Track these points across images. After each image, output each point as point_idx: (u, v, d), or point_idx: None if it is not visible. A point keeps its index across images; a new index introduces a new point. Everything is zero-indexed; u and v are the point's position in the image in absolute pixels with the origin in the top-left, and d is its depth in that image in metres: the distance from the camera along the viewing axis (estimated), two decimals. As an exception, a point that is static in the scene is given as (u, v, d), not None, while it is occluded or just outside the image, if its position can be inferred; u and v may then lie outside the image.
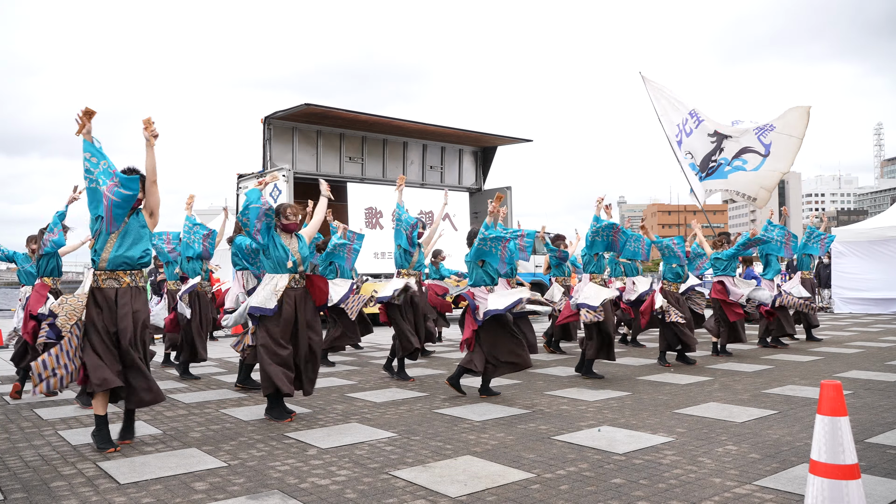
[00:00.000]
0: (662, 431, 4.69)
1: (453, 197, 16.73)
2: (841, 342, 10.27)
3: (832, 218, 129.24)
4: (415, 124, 15.65)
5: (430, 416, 5.34)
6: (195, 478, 3.76)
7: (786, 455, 4.05)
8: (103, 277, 4.38)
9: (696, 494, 3.37)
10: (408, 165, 16.62)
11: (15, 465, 4.10)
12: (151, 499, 3.41)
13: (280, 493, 3.48)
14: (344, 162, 15.57)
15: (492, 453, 4.18)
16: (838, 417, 2.56)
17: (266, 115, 14.21)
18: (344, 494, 3.44)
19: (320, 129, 15.09)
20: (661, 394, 6.16)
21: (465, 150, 17.57)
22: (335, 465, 3.98)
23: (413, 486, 3.57)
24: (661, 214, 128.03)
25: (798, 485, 3.47)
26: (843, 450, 2.54)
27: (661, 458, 4.04)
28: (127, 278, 4.43)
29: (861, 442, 4.26)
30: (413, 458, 4.09)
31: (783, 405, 5.54)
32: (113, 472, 3.88)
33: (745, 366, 7.88)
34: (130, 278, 4.44)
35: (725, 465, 3.88)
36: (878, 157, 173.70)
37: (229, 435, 4.79)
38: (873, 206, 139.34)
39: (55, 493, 3.53)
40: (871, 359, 8.32)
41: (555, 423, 5.03)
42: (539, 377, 7.24)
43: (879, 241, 16.06)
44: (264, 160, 14.34)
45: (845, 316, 15.75)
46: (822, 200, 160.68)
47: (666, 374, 7.30)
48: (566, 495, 3.39)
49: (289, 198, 13.20)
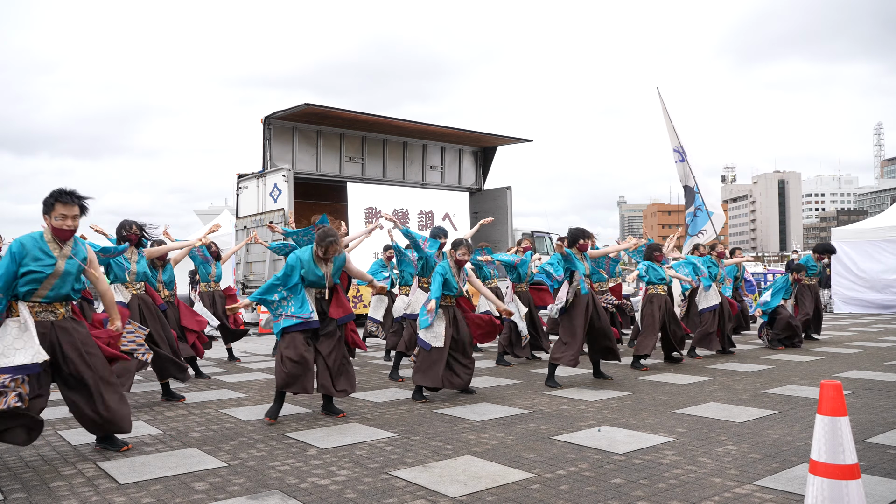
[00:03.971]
0: (662, 431, 4.69)
1: (453, 197, 16.75)
2: (841, 342, 10.27)
3: (832, 218, 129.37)
4: (414, 124, 15.65)
5: (430, 416, 5.34)
6: (195, 478, 3.76)
7: (786, 455, 4.05)
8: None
9: (696, 494, 3.37)
10: (408, 165, 16.64)
11: (15, 465, 4.10)
12: (151, 499, 3.41)
13: (280, 493, 3.48)
14: (344, 162, 15.57)
15: (492, 453, 4.18)
16: (838, 417, 2.56)
17: (266, 115, 14.22)
18: (344, 494, 3.45)
19: (320, 129, 15.10)
20: (661, 394, 6.16)
21: (465, 150, 17.57)
22: (335, 465, 3.99)
23: (413, 486, 3.57)
24: (661, 214, 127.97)
25: (798, 485, 3.47)
26: (843, 450, 2.54)
27: (661, 458, 4.04)
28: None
29: (861, 442, 4.26)
30: (413, 458, 4.09)
31: (783, 405, 5.54)
32: (113, 472, 3.88)
33: (745, 366, 7.88)
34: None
35: (725, 465, 3.88)
36: (878, 157, 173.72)
37: (229, 435, 4.79)
38: (873, 206, 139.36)
39: (55, 493, 3.53)
40: (871, 359, 8.32)
41: (555, 423, 5.03)
42: (539, 377, 7.24)
43: (879, 241, 16.06)
44: (264, 160, 14.35)
45: (845, 316, 15.75)
46: (823, 200, 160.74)
47: (666, 374, 7.30)
48: (566, 495, 3.39)
49: (289, 198, 13.20)
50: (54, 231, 4.07)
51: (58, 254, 4.08)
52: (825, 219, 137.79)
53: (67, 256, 4.11)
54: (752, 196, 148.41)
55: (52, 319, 4.11)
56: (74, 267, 4.15)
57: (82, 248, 4.27)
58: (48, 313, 4.09)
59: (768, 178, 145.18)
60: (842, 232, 17.20)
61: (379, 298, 9.98)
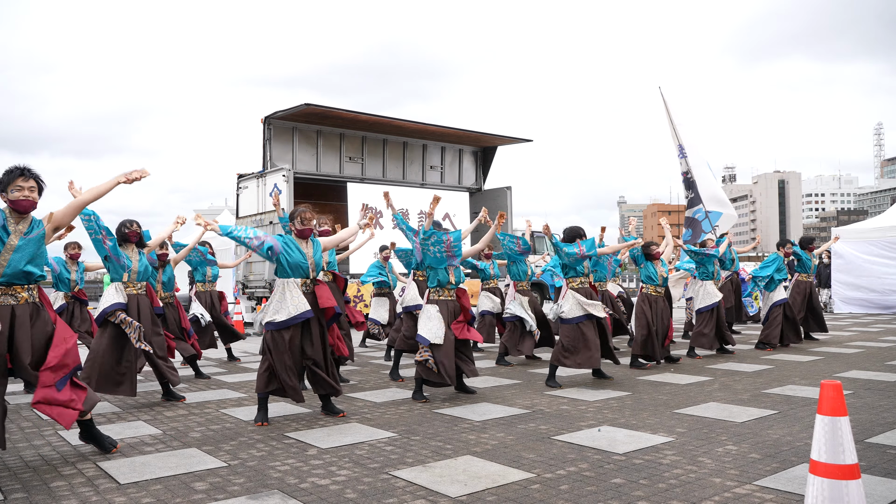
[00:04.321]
0: (662, 431, 4.69)
1: (454, 197, 16.75)
2: (841, 342, 10.27)
3: (832, 218, 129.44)
4: (414, 124, 15.66)
5: (430, 416, 5.34)
6: (195, 478, 3.76)
7: (786, 455, 4.05)
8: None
9: (696, 494, 3.37)
10: (408, 165, 16.64)
11: (15, 465, 4.10)
12: (151, 499, 3.41)
13: (280, 493, 3.48)
14: (344, 162, 15.58)
15: (492, 453, 4.18)
16: (838, 417, 2.56)
17: (266, 115, 14.23)
18: (344, 494, 3.45)
19: (320, 129, 15.10)
20: (661, 394, 6.16)
21: (465, 150, 17.58)
22: (335, 465, 3.99)
23: (413, 486, 3.57)
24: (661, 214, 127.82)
25: (798, 485, 3.47)
26: (843, 450, 2.54)
27: (661, 458, 4.04)
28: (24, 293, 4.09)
29: (861, 442, 4.26)
30: (413, 458, 4.09)
31: (783, 405, 5.54)
32: (113, 472, 3.88)
33: (745, 366, 7.88)
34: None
35: (725, 465, 3.88)
36: (878, 157, 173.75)
37: (229, 435, 4.79)
38: (873, 206, 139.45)
39: (55, 493, 3.53)
40: (871, 359, 8.32)
41: (555, 423, 5.03)
42: (539, 377, 7.24)
43: (879, 241, 16.06)
44: (264, 160, 14.36)
45: (845, 316, 15.75)
46: (823, 200, 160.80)
47: (666, 374, 7.31)
48: (566, 495, 3.39)
49: (289, 198, 13.21)
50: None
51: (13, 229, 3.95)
52: (825, 219, 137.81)
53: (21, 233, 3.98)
54: (752, 196, 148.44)
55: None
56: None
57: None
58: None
59: (768, 178, 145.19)
60: (842, 232, 17.19)
61: (379, 299, 9.98)
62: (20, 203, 3.96)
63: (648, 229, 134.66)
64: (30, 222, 4.06)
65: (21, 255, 3.95)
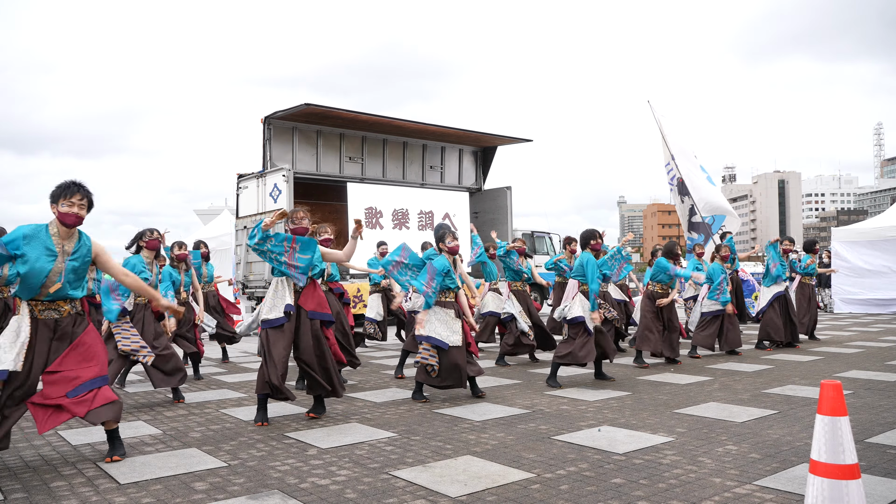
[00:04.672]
0: (662, 431, 4.69)
1: (454, 197, 16.74)
2: (841, 342, 10.27)
3: (832, 218, 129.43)
4: (414, 124, 15.64)
5: (430, 416, 5.34)
6: (195, 478, 3.77)
7: (786, 455, 4.05)
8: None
9: (696, 494, 3.37)
10: (407, 165, 16.63)
11: (15, 465, 4.10)
12: (151, 499, 3.41)
13: (280, 493, 3.48)
14: (344, 162, 15.57)
15: (492, 453, 4.18)
16: (838, 417, 2.56)
17: (266, 115, 14.22)
18: (344, 494, 3.45)
19: (320, 129, 15.09)
20: (661, 394, 6.16)
21: (465, 150, 17.56)
22: (335, 465, 3.99)
23: (413, 486, 3.57)
24: (661, 214, 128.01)
25: (798, 485, 3.47)
26: (843, 450, 2.54)
27: (661, 457, 4.04)
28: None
29: (861, 442, 4.26)
30: (413, 458, 4.09)
31: (783, 405, 5.54)
32: (113, 472, 3.88)
33: (745, 366, 7.88)
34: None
35: (725, 464, 3.88)
36: (878, 157, 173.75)
37: (229, 435, 4.80)
38: (873, 206, 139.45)
39: (55, 493, 3.53)
40: (871, 359, 8.32)
41: (555, 423, 5.03)
42: (539, 377, 7.24)
43: (879, 241, 16.06)
44: (264, 160, 14.35)
45: (845, 316, 15.75)
46: (822, 200, 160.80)
47: (666, 374, 7.31)
48: (566, 495, 3.39)
49: (289, 198, 13.20)
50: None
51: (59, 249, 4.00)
52: (825, 219, 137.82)
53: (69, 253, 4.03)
54: (752, 196, 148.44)
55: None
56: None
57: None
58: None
59: (768, 178, 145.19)
60: (842, 232, 17.19)
61: (375, 299, 9.98)
62: (68, 217, 3.98)
63: (648, 229, 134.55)
64: (76, 239, 4.08)
65: (66, 280, 4.00)
